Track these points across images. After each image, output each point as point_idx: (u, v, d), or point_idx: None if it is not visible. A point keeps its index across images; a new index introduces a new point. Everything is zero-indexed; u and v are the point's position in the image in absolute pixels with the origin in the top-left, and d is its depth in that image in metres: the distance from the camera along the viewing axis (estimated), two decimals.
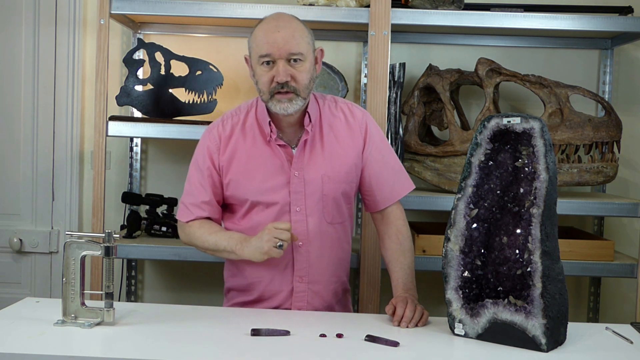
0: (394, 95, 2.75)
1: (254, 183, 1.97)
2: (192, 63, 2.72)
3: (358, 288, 2.62)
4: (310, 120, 1.96)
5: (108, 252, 1.72)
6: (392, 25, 2.57)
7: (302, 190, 1.97)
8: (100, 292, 2.04)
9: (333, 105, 2.05)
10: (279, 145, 1.97)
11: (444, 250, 1.78)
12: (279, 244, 1.82)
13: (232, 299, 2.11)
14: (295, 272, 2.00)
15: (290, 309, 2.03)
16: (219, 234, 1.98)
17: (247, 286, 2.06)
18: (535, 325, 1.62)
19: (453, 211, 1.78)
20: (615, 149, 2.64)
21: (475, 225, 1.76)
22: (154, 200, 2.85)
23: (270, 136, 1.95)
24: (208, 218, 2.03)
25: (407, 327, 1.80)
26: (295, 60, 1.86)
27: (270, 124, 1.95)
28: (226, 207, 2.08)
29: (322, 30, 2.91)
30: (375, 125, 2.07)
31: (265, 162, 1.97)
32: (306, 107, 1.96)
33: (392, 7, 2.56)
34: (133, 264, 3.09)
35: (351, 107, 2.06)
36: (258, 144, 1.98)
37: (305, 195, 1.97)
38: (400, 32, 2.91)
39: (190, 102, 2.73)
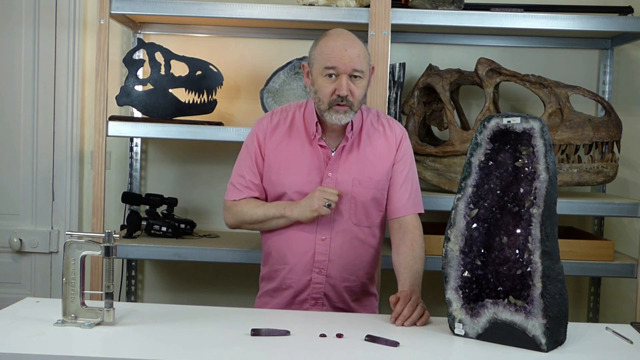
0: (394, 95, 2.75)
1: (291, 175, 2.10)
2: (192, 63, 2.72)
3: None
4: (352, 128, 2.10)
5: (108, 252, 1.72)
6: (392, 25, 2.58)
7: None
8: (100, 292, 2.04)
9: (375, 118, 2.19)
10: (320, 145, 2.10)
11: (444, 250, 1.78)
12: (327, 203, 2.00)
13: (262, 288, 2.23)
14: (315, 264, 2.10)
15: (307, 299, 2.11)
16: (266, 205, 2.11)
17: (271, 273, 2.18)
18: (535, 325, 1.62)
19: (453, 211, 1.78)
20: (615, 149, 2.64)
21: (475, 225, 1.76)
22: (154, 200, 2.85)
23: (315, 136, 2.10)
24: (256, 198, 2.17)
25: (404, 325, 1.81)
26: (356, 76, 2.02)
27: (317, 125, 2.09)
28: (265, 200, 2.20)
29: (322, 31, 2.90)
30: (409, 144, 2.20)
31: (305, 159, 2.11)
32: None
33: (392, 7, 2.57)
34: (133, 264, 3.09)
35: (391, 122, 2.20)
36: (302, 141, 2.12)
37: None
38: (400, 32, 2.91)
39: (190, 102, 2.73)
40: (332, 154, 2.10)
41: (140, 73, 2.76)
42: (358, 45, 2.04)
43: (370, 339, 1.67)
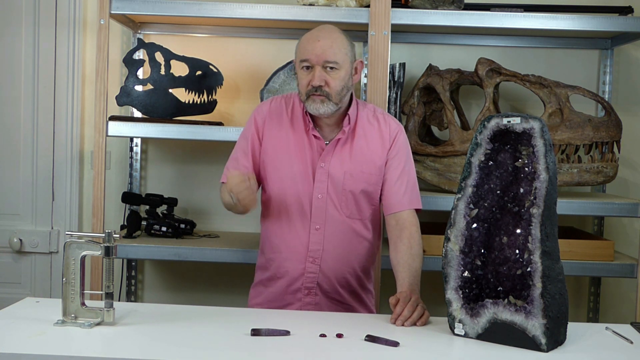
0: (394, 95, 2.75)
1: (286, 162, 2.13)
2: (192, 63, 2.72)
3: None
4: (349, 122, 2.12)
5: (108, 252, 1.72)
6: (392, 25, 2.58)
7: (325, 181, 2.11)
8: (100, 292, 2.04)
9: (371, 113, 2.20)
10: (314, 136, 2.12)
11: (444, 250, 1.78)
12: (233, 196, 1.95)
13: (256, 278, 2.25)
14: (309, 253, 2.12)
15: (300, 289, 2.12)
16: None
17: (265, 262, 2.20)
18: (535, 325, 1.62)
19: (453, 211, 1.78)
20: (615, 149, 2.64)
21: (475, 225, 1.76)
22: (154, 200, 2.85)
23: (309, 126, 2.12)
24: None
25: (404, 325, 1.81)
26: (330, 67, 2.03)
27: (307, 114, 2.12)
28: (262, 187, 2.21)
29: None
30: (405, 139, 2.19)
31: (301, 148, 2.13)
32: (346, 110, 2.12)
33: (392, 7, 2.57)
34: (133, 264, 3.09)
35: (387, 118, 2.20)
36: (298, 130, 2.14)
37: (327, 185, 2.11)
38: (400, 32, 2.91)
39: (190, 102, 2.73)
40: (326, 145, 2.12)
41: (140, 73, 2.76)
42: (333, 37, 2.05)
43: (370, 339, 1.67)
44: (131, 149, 3.05)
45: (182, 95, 2.72)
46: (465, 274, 1.76)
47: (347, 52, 2.07)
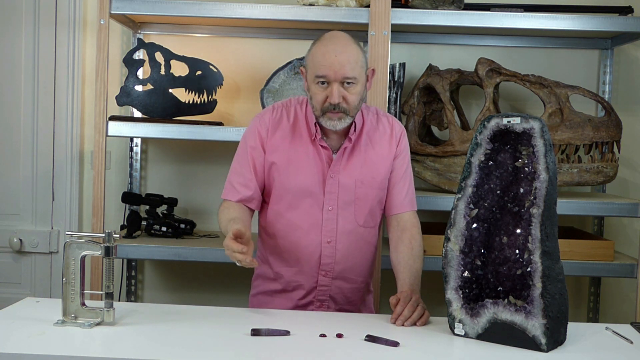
0: (394, 95, 2.75)
1: (294, 175, 2.05)
2: (192, 63, 2.73)
3: None
4: (354, 130, 2.07)
5: (108, 252, 1.72)
6: (392, 25, 2.58)
7: (335, 192, 2.06)
8: (100, 292, 2.04)
9: (375, 117, 2.15)
10: (322, 146, 2.06)
11: (444, 250, 1.78)
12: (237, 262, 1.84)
13: (258, 287, 2.19)
14: (321, 267, 2.08)
15: (312, 302, 2.10)
16: (223, 222, 2.01)
17: (273, 275, 2.14)
18: (535, 325, 1.62)
19: (453, 211, 1.78)
20: (615, 149, 2.64)
21: (475, 225, 1.76)
22: (154, 200, 2.85)
23: (315, 136, 2.05)
24: (251, 198, 2.08)
25: (404, 325, 1.81)
26: (348, 83, 1.96)
27: (316, 125, 2.05)
28: (265, 201, 2.13)
29: (322, 30, 2.89)
30: (407, 141, 2.18)
31: (308, 159, 2.06)
32: None
33: (392, 7, 2.57)
34: (133, 264, 3.09)
35: (391, 120, 2.17)
36: (304, 140, 2.07)
37: (338, 196, 2.06)
38: (400, 32, 2.91)
39: (190, 102, 2.73)
40: (334, 155, 2.06)
41: (140, 73, 2.76)
42: (350, 50, 1.97)
43: (370, 339, 1.67)
44: (131, 149, 3.05)
45: (182, 95, 2.72)
46: (465, 274, 1.76)
47: (362, 64, 1.99)
